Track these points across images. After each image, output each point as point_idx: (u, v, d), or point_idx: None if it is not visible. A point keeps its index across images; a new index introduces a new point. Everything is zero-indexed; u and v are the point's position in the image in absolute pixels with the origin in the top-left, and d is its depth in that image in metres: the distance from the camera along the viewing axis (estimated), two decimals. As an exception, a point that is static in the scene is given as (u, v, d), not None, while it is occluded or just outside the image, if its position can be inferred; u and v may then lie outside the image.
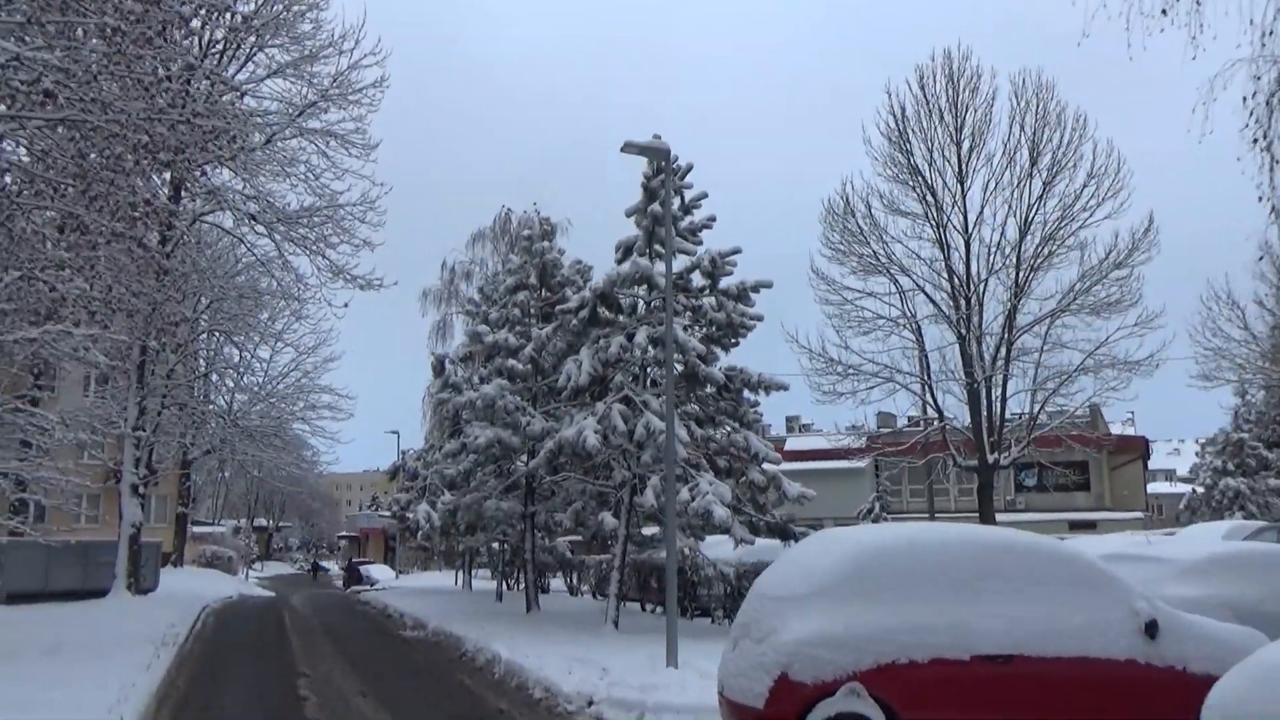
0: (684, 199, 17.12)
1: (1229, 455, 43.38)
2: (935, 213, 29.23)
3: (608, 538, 18.50)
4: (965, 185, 29.13)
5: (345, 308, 25.86)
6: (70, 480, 17.31)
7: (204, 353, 32.95)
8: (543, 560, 24.59)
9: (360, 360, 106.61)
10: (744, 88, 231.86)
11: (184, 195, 23.38)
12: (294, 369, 33.55)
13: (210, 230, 28.33)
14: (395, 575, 50.47)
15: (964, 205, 29.17)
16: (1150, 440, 49.67)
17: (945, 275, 29.22)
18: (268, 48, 25.64)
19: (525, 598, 21.65)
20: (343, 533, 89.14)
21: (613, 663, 11.85)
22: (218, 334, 31.03)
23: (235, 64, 26.13)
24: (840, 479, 41.84)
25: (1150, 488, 60.66)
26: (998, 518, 28.70)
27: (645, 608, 22.42)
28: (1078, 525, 38.65)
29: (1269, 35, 8.69)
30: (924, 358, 29.71)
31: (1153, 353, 27.47)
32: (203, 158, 14.21)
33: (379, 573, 49.51)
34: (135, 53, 11.83)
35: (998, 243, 28.70)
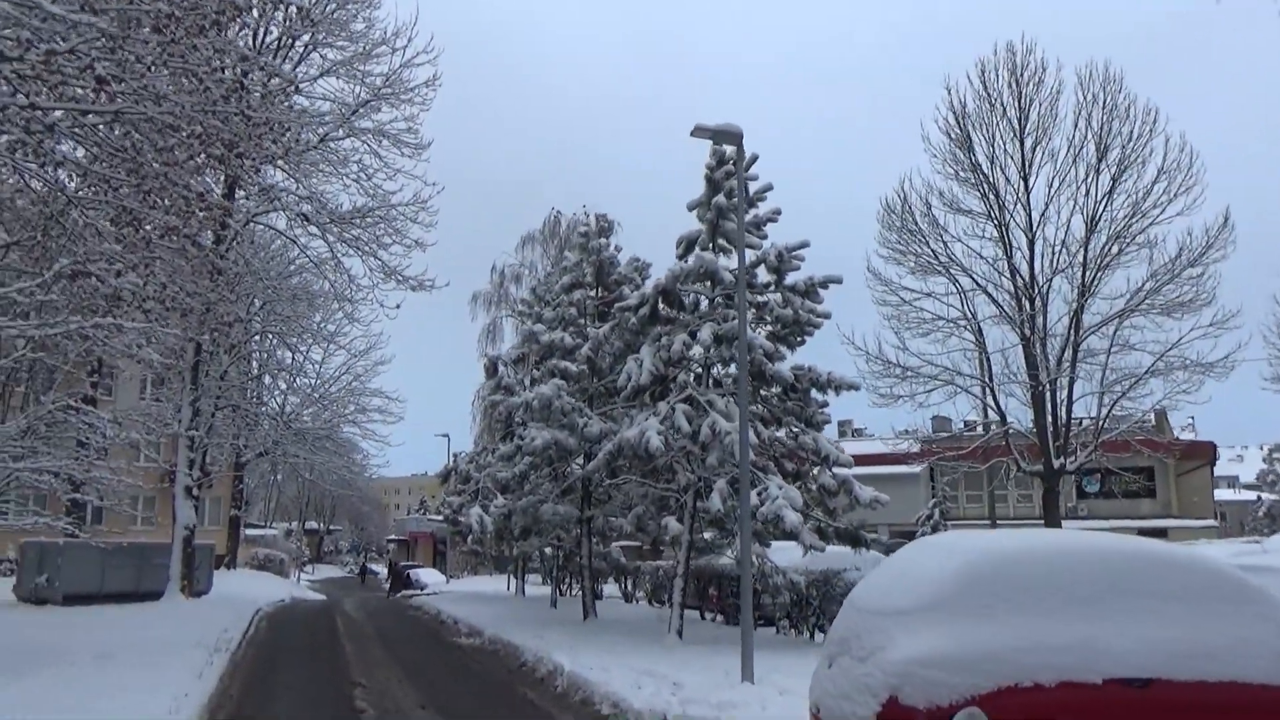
0: (748, 191, 16.46)
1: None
2: (997, 210, 28.32)
3: (670, 543, 17.85)
4: (1029, 182, 28.23)
5: (397, 309, 25.62)
6: (122, 481, 17.07)
7: (257, 355, 32.90)
8: (597, 566, 24.03)
9: (406, 363, 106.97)
10: (788, 89, 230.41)
11: (238, 193, 23.22)
12: (345, 372, 33.43)
13: (264, 232, 28.25)
14: (446, 580, 50.21)
15: (1027, 202, 28.22)
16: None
17: (1008, 274, 28.30)
18: (321, 47, 25.49)
19: (582, 605, 21.11)
20: (391, 536, 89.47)
21: (684, 677, 11.22)
22: (271, 335, 30.91)
23: (289, 64, 25.99)
24: (894, 485, 40.61)
25: (1215, 494, 58.79)
26: (1062, 525, 27.67)
27: (704, 615, 21.75)
28: (1147, 534, 37.26)
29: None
30: (985, 359, 28.82)
31: (1228, 354, 26.21)
32: (257, 153, 13.87)
33: (428, 577, 49.21)
34: (189, 42, 11.49)
35: (1063, 241, 27.74)
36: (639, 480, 17.95)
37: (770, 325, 16.40)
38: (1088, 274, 27.77)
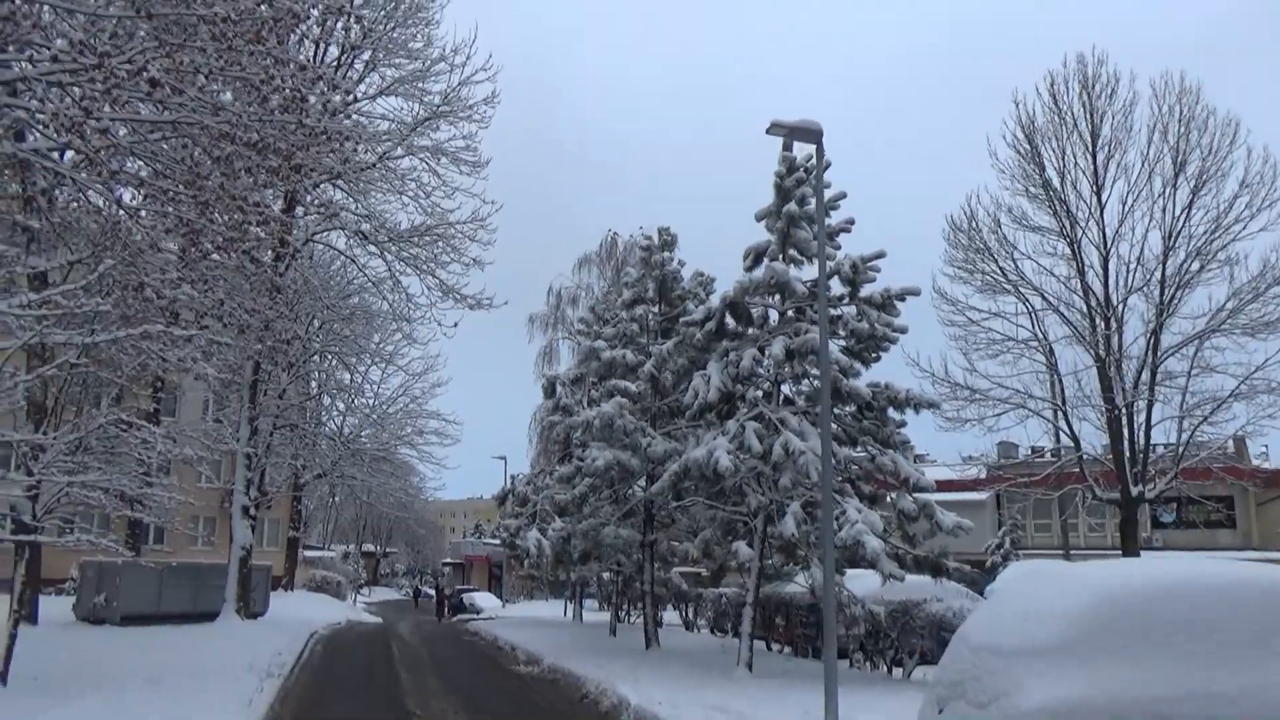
0: (821, 198, 15.71)
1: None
2: (1069, 227, 27.25)
3: (739, 569, 17.03)
4: (1102, 197, 27.15)
5: (455, 327, 25.32)
6: (175, 499, 16.77)
7: (316, 374, 32.83)
8: (658, 592, 23.25)
9: (463, 385, 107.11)
10: (850, 108, 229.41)
11: (297, 210, 23.09)
12: (402, 393, 33.20)
13: (323, 251, 28.18)
14: (502, 604, 49.64)
15: (1101, 218, 27.11)
16: (1295, 474, 45.62)
17: (1080, 293, 27.18)
18: (380, 65, 25.40)
19: (644, 633, 20.33)
20: (447, 559, 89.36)
21: (760, 715, 10.43)
22: (330, 355, 30.80)
23: (348, 83, 25.92)
24: (960, 512, 39.43)
25: (1299, 526, 56.03)
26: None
27: (770, 646, 20.85)
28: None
29: None
30: (1058, 382, 27.65)
31: (1319, 376, 24.73)
32: (315, 165, 13.52)
33: (483, 600, 48.68)
34: (247, 49, 11.15)
35: (1138, 258, 26.55)
36: (706, 503, 17.15)
37: (845, 339, 15.61)
38: (1166, 292, 26.57)
